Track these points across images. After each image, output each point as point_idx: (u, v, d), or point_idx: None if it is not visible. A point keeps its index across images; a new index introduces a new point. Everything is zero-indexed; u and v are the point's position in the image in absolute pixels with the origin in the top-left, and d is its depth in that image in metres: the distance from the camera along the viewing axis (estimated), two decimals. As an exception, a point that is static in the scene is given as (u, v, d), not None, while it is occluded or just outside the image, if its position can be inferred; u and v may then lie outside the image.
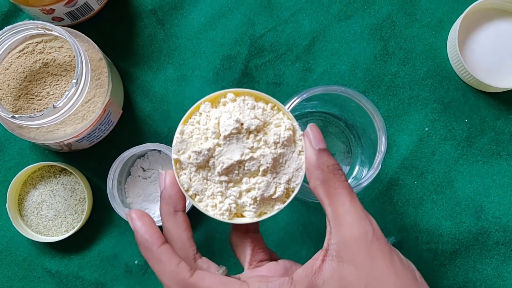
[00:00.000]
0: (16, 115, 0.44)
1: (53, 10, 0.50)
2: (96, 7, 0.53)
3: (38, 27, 0.46)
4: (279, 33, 0.56)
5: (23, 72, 0.48)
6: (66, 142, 0.49)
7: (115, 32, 0.56)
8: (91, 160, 0.55)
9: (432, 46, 0.56)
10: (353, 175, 0.52)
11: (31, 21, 0.46)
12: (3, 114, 0.45)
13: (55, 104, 0.44)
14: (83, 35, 0.49)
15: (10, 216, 0.52)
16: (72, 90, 0.44)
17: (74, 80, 0.44)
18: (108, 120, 0.51)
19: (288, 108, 0.44)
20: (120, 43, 0.56)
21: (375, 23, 0.56)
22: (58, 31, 0.46)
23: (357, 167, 0.52)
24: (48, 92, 0.48)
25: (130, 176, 0.54)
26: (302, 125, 0.39)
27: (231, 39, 0.55)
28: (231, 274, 0.37)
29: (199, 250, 0.37)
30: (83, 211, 0.53)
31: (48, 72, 0.48)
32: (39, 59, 0.48)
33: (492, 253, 0.53)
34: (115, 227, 0.54)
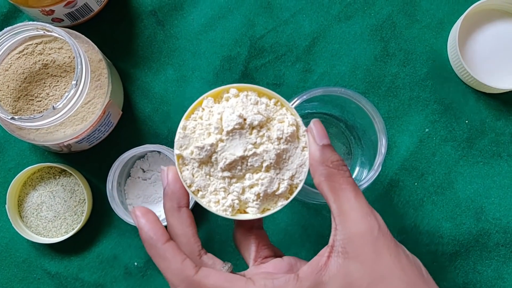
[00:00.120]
0: (16, 117, 0.44)
1: (52, 11, 0.50)
2: (96, 8, 0.53)
3: (37, 28, 0.46)
4: (279, 34, 0.55)
5: (23, 73, 0.48)
6: (65, 143, 0.49)
7: (115, 33, 0.56)
8: (91, 161, 0.55)
9: (432, 47, 0.55)
10: (353, 177, 0.52)
11: (31, 22, 0.46)
12: (2, 116, 0.45)
13: (54, 106, 0.44)
14: (83, 36, 0.49)
15: (9, 218, 0.52)
16: (72, 91, 0.44)
17: (74, 81, 0.44)
18: (108, 121, 0.51)
19: None
20: (120, 44, 0.56)
21: (376, 24, 0.56)
22: (58, 32, 0.45)
23: (357, 169, 0.52)
24: (48, 93, 0.48)
25: (130, 177, 0.54)
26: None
27: (231, 40, 0.55)
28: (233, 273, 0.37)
29: None
30: (82, 213, 0.53)
31: (48, 73, 0.48)
32: (39, 60, 0.48)
33: (492, 254, 0.53)
34: (114, 228, 0.54)
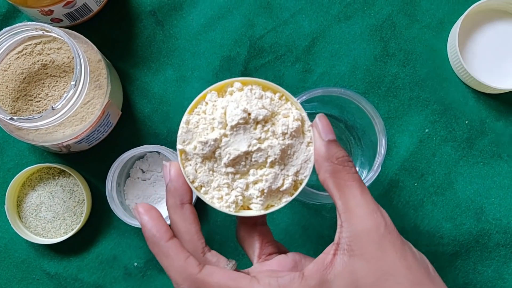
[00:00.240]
0: (15, 117, 0.44)
1: (52, 11, 0.50)
2: (95, 8, 0.53)
3: (36, 29, 0.46)
4: (279, 34, 0.55)
5: (22, 73, 0.48)
6: (65, 144, 0.49)
7: (114, 33, 0.56)
8: (90, 162, 0.54)
9: (432, 47, 0.55)
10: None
11: (30, 22, 0.46)
12: (1, 116, 0.44)
13: (53, 106, 0.44)
14: (82, 36, 0.49)
15: (8, 218, 0.52)
16: (71, 92, 0.44)
17: (73, 82, 0.44)
18: (107, 122, 0.51)
19: None
20: (119, 44, 0.55)
21: (375, 24, 0.55)
22: (57, 32, 0.45)
23: (357, 169, 0.52)
24: (47, 94, 0.48)
25: (129, 178, 0.54)
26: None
27: (231, 40, 0.55)
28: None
29: None
30: (82, 213, 0.53)
31: (47, 73, 0.48)
32: (38, 61, 0.48)
33: (492, 254, 0.53)
34: (114, 229, 0.54)
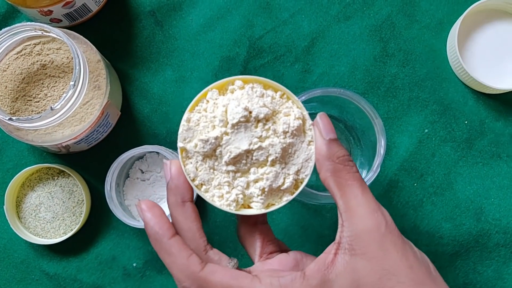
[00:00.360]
0: (14, 117, 0.44)
1: (51, 12, 0.50)
2: (94, 8, 0.53)
3: (36, 29, 0.46)
4: (278, 34, 0.55)
5: (21, 73, 0.48)
6: (64, 144, 0.49)
7: (114, 34, 0.56)
8: (89, 162, 0.54)
9: (431, 47, 0.55)
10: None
11: (29, 22, 0.46)
12: (0, 116, 0.44)
13: (52, 106, 0.44)
14: (81, 36, 0.49)
15: (8, 218, 0.52)
16: (70, 92, 0.44)
17: (72, 82, 0.44)
18: (106, 122, 0.51)
19: None
20: (119, 45, 0.55)
21: (375, 25, 0.55)
22: (56, 32, 0.45)
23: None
24: (46, 94, 0.48)
25: (128, 178, 0.54)
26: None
27: (230, 40, 0.55)
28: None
29: None
30: (81, 213, 0.53)
31: (46, 74, 0.48)
32: (37, 61, 0.48)
33: (492, 255, 0.53)
34: (113, 229, 0.54)
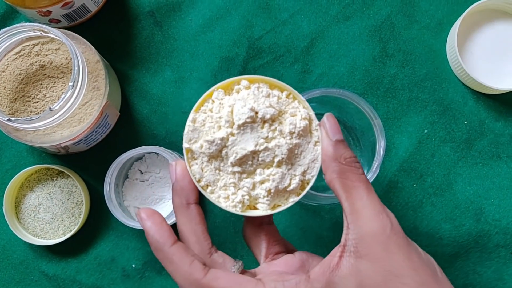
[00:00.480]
0: (13, 118, 0.44)
1: (50, 12, 0.49)
2: (94, 9, 0.53)
3: (34, 29, 0.46)
4: (278, 34, 0.55)
5: (20, 74, 0.48)
6: (63, 145, 0.48)
7: (113, 34, 0.55)
8: (89, 163, 0.54)
9: (431, 47, 0.55)
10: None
11: (28, 23, 0.46)
12: (-1, 117, 0.44)
13: (51, 107, 0.43)
14: (80, 37, 0.49)
15: (6, 219, 0.52)
16: (69, 93, 0.44)
17: (71, 83, 0.44)
18: (105, 123, 0.51)
19: None
20: (118, 45, 0.55)
21: (374, 25, 0.55)
22: (55, 33, 0.45)
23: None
24: (45, 95, 0.48)
25: (127, 179, 0.54)
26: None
27: (229, 41, 0.55)
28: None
29: None
30: (80, 214, 0.53)
31: (45, 74, 0.48)
32: (36, 62, 0.48)
33: (492, 255, 0.53)
34: (112, 230, 0.54)
